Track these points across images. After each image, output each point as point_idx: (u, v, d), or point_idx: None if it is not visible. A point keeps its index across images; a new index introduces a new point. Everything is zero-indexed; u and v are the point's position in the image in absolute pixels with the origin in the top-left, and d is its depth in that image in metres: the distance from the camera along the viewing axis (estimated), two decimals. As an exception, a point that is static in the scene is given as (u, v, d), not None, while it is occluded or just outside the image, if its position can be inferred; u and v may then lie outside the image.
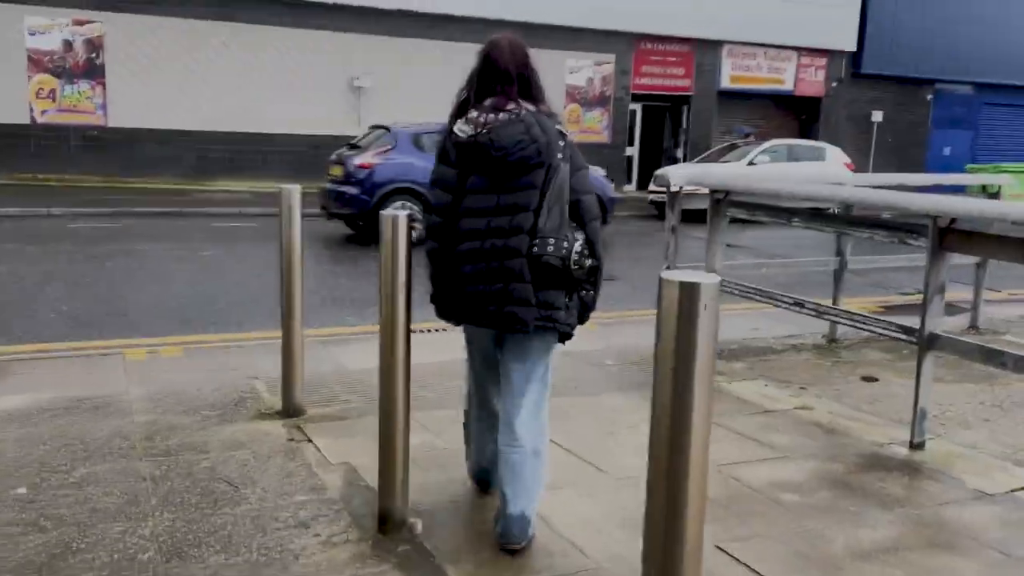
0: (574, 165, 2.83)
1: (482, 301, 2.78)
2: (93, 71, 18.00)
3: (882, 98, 25.92)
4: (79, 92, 18.01)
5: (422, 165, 10.11)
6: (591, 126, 22.38)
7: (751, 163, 17.80)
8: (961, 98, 27.13)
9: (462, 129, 2.82)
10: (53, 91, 17.86)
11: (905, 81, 25.91)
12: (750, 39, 23.44)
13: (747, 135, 22.77)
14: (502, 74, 2.83)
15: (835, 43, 24.50)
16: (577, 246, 2.75)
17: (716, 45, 23.38)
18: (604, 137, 22.59)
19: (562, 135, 2.81)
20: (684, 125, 23.84)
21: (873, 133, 25.13)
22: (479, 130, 2.76)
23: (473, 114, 2.81)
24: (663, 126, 24.71)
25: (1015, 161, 27.49)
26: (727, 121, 24.31)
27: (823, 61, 24.83)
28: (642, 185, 21.79)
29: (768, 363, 5.57)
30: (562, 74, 21.62)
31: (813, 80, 24.81)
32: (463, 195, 2.82)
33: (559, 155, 2.78)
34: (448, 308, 2.95)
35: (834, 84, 25.05)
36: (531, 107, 2.82)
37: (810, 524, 3.24)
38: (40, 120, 17.78)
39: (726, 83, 23.70)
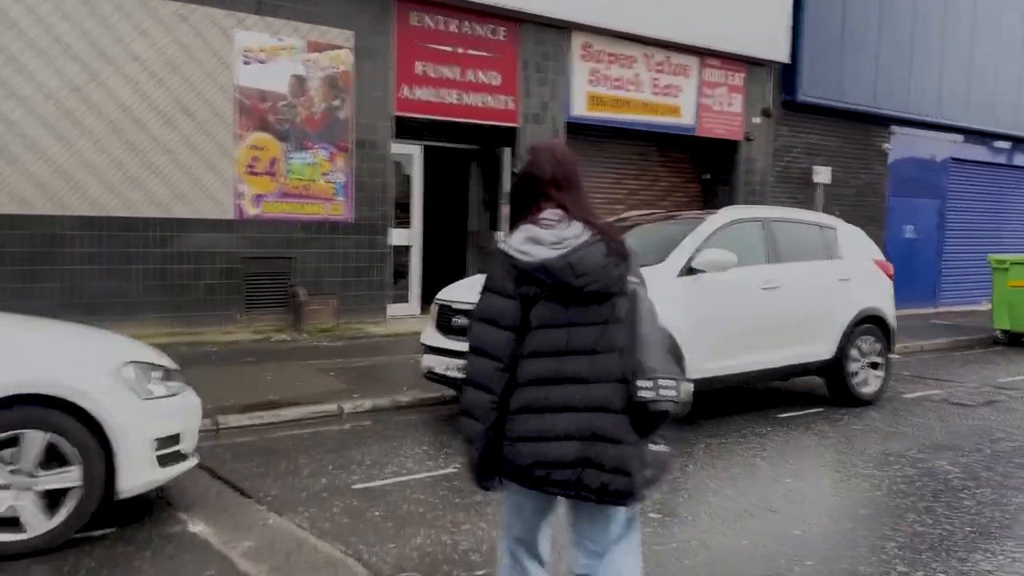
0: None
1: (550, 466, 2.28)
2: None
3: (827, 145, 15.79)
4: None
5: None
6: (309, 185, 10.45)
7: (691, 269, 6.57)
8: (925, 149, 17.56)
9: (525, 251, 2.32)
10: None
11: (858, 119, 15.97)
12: (620, 26, 12.54)
13: None
14: (554, 183, 2.44)
15: (759, 48, 14.09)
16: (689, 387, 2.35)
17: (562, 31, 12.31)
18: (338, 209, 10.70)
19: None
20: (505, 186, 12.40)
21: (817, 203, 14.81)
22: (553, 252, 2.30)
23: (539, 233, 2.34)
24: (468, 190, 13.18)
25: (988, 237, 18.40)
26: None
27: (740, 78, 14.35)
28: (429, 301, 10.17)
29: None
30: (229, 62, 9.73)
31: (726, 111, 14.23)
32: (524, 333, 2.33)
33: (633, 278, 2.39)
34: (496, 466, 2.38)
35: (756, 120, 14.59)
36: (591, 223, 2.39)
37: None
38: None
39: (580, 109, 12.60)
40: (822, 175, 15.02)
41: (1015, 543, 4.30)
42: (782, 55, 14.21)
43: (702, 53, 13.63)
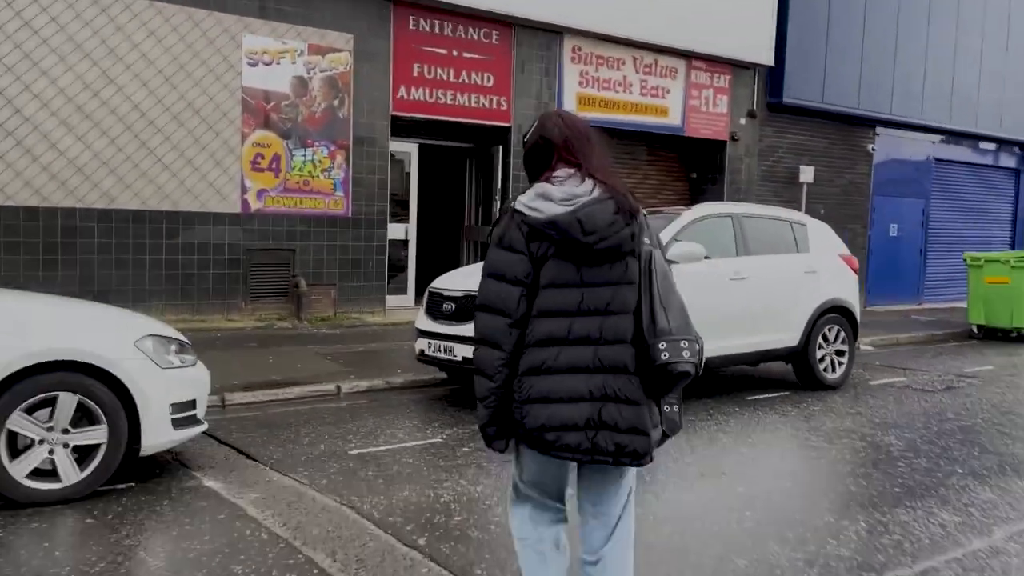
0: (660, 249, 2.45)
1: (560, 429, 2.28)
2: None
3: (812, 146, 16.32)
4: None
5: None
6: (309, 180, 11.01)
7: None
8: (909, 150, 18.08)
9: (535, 207, 2.32)
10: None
11: (842, 120, 16.51)
12: (610, 30, 13.09)
13: None
14: (566, 146, 2.43)
15: (744, 51, 14.63)
16: (703, 347, 2.35)
17: (554, 35, 12.86)
18: (338, 204, 11.26)
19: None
20: (499, 183, 12.97)
21: (802, 202, 15.35)
22: (562, 208, 2.29)
23: (549, 189, 2.34)
24: (463, 186, 13.74)
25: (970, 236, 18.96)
26: (574, 178, 13.67)
27: (726, 80, 14.89)
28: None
29: None
30: (236, 64, 10.28)
31: (713, 112, 14.77)
32: (534, 291, 2.32)
33: (646, 239, 2.39)
34: (509, 429, 2.39)
35: (742, 121, 15.13)
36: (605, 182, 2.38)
37: None
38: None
39: (570, 109, 13.12)
40: (806, 175, 15.54)
41: (936, 501, 4.84)
42: (766, 59, 14.74)
43: (689, 56, 14.16)
